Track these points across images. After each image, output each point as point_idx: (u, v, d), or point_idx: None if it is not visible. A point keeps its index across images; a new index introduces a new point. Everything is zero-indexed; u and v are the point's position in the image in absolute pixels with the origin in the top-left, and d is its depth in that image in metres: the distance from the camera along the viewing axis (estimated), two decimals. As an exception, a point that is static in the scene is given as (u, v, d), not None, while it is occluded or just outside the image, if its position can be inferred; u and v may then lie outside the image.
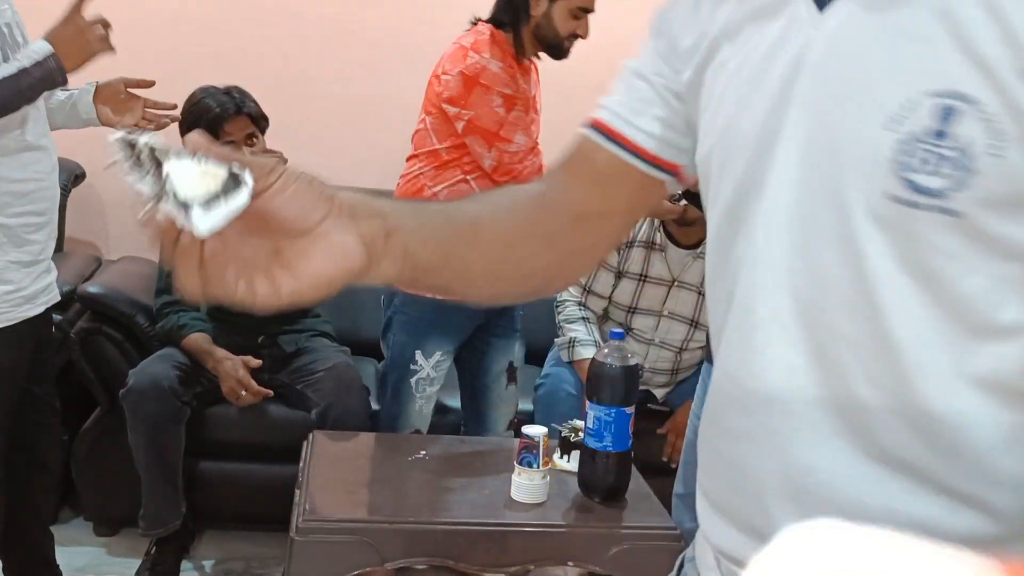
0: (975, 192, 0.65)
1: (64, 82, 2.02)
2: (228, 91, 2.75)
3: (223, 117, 2.69)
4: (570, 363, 2.85)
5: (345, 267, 0.72)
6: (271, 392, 2.75)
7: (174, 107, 2.37)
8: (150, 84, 2.28)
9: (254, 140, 2.75)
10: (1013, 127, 0.64)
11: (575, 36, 2.52)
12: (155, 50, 3.30)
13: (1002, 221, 0.66)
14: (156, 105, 2.31)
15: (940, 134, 0.66)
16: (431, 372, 2.55)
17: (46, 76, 1.97)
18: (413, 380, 2.55)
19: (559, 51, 2.53)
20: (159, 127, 2.30)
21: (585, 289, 2.86)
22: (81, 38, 2.00)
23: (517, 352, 2.70)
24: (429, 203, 0.91)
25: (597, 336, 2.83)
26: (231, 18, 3.36)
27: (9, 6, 2.03)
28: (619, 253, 2.83)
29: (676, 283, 2.86)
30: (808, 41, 0.73)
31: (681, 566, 0.91)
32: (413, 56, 2.97)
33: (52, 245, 2.19)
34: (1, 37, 1.96)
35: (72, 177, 3.16)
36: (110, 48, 2.05)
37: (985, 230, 0.66)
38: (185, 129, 2.71)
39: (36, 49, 1.99)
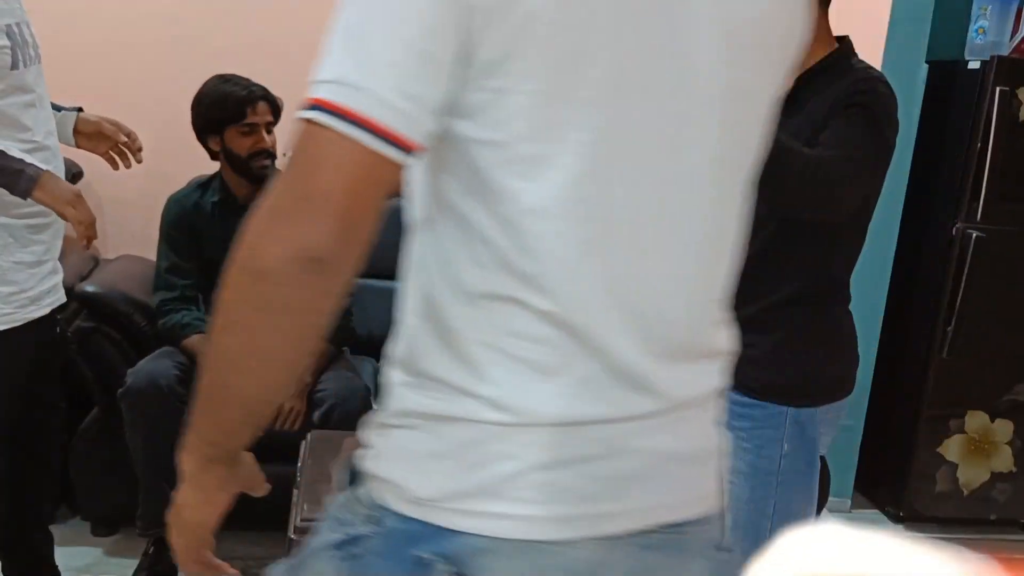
0: None
1: (22, 197, 1.99)
2: (247, 80, 2.74)
3: (250, 100, 2.68)
4: None
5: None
6: None
7: (140, 150, 2.36)
8: (132, 134, 2.30)
9: (272, 129, 2.74)
10: None
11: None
12: (161, 44, 3.30)
13: None
14: (130, 136, 2.32)
15: None
16: None
17: (9, 179, 1.95)
18: None
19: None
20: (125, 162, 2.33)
21: None
22: (67, 200, 2.00)
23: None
24: None
25: None
26: (240, 10, 3.36)
27: (19, 4, 2.03)
28: None
29: None
30: None
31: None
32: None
33: (58, 245, 2.18)
34: (12, 35, 1.96)
35: (70, 176, 3.14)
36: (86, 235, 2.06)
37: None
38: (205, 112, 2.69)
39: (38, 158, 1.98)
